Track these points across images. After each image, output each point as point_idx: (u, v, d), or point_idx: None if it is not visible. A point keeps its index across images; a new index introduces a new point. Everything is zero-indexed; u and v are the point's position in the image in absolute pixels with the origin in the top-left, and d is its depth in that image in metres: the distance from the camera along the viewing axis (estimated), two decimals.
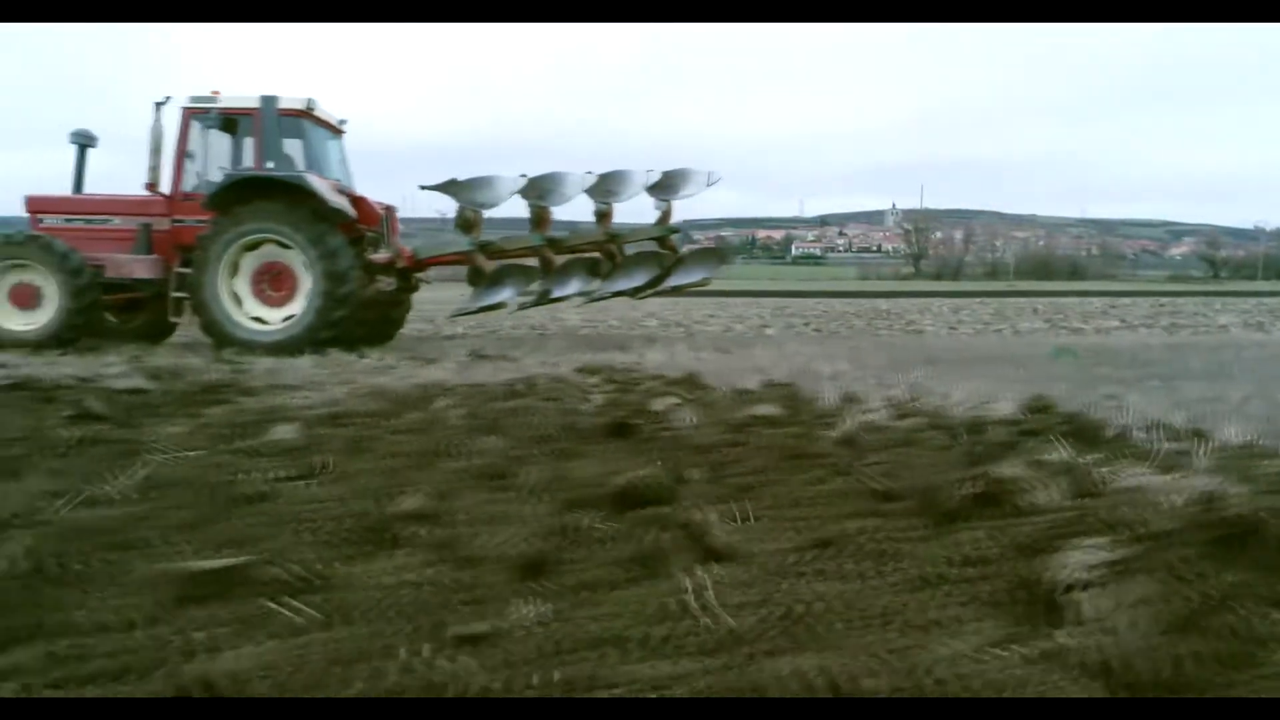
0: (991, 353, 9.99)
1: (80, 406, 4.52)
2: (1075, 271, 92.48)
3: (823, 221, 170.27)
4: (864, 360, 8.67)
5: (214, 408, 5.41)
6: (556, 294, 11.04)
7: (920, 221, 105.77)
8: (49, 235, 10.39)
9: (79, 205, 11.01)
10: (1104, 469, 3.01)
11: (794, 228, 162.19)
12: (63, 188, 11.33)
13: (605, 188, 10.98)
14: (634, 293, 11.48)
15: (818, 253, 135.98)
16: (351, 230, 10.50)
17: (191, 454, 3.49)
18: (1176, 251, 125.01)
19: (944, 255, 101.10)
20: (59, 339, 10.14)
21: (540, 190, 10.77)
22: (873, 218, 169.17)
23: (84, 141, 11.32)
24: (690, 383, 6.78)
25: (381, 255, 10.86)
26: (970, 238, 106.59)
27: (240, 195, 10.00)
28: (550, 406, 5.52)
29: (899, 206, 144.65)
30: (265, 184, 10.05)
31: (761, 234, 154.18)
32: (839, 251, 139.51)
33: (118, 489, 2.89)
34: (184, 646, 1.69)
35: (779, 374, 7.16)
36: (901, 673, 1.54)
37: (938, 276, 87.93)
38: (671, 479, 2.99)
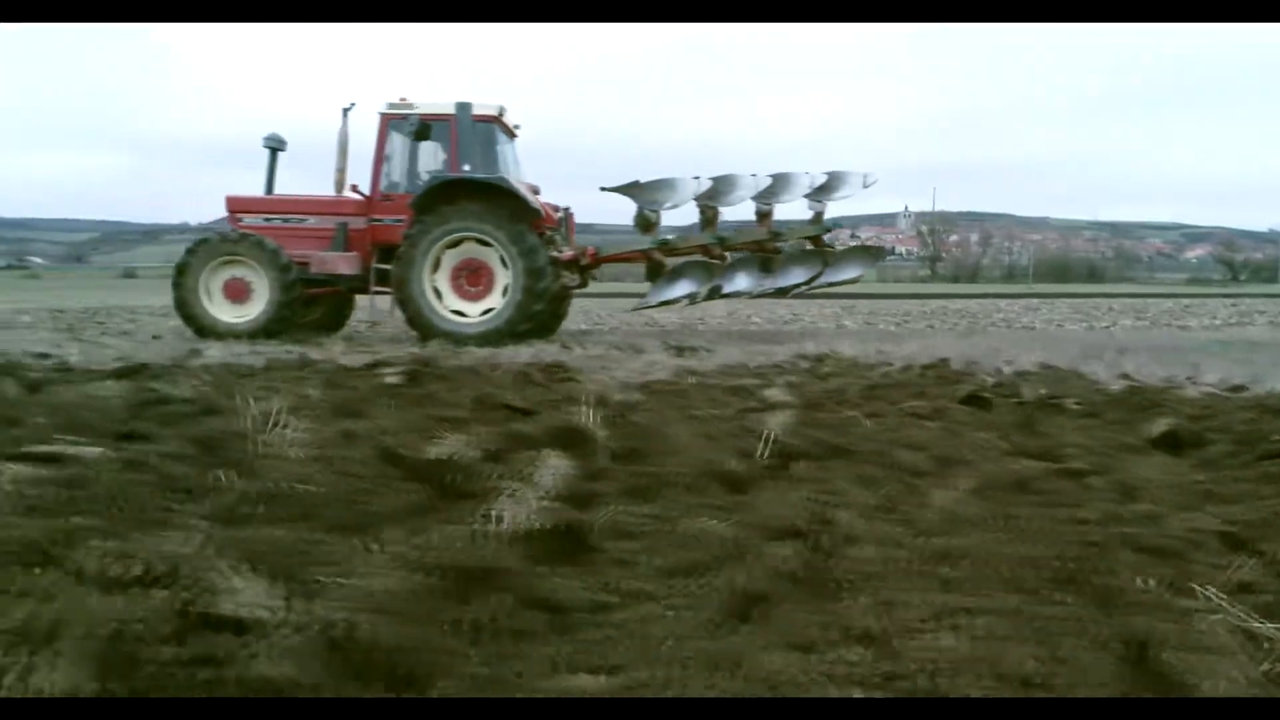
0: (1151, 344, 10.65)
1: (526, 377, 5.16)
2: (1093, 274, 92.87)
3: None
4: (1054, 351, 9.30)
5: (565, 384, 6.07)
6: (726, 290, 11.71)
7: (935, 224, 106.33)
8: (259, 234, 11.07)
9: (277, 205, 11.68)
10: None
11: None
12: (62, 189, 11.93)
13: (771, 190, 11.67)
14: (792, 289, 12.17)
15: None
16: (539, 229, 11.16)
17: (715, 412, 4.14)
18: (1192, 254, 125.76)
19: (959, 257, 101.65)
20: (266, 330, 10.81)
21: (712, 191, 11.45)
22: (884, 220, 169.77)
23: (275, 145, 11.98)
24: (946, 367, 7.45)
25: (566, 253, 11.53)
26: (986, 240, 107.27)
27: (445, 196, 10.67)
28: (862, 383, 6.18)
29: (911, 209, 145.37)
30: (468, 185, 10.73)
31: None
32: None
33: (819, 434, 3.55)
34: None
35: (1013, 362, 7.82)
36: None
37: (955, 279, 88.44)
38: (1192, 430, 3.64)
